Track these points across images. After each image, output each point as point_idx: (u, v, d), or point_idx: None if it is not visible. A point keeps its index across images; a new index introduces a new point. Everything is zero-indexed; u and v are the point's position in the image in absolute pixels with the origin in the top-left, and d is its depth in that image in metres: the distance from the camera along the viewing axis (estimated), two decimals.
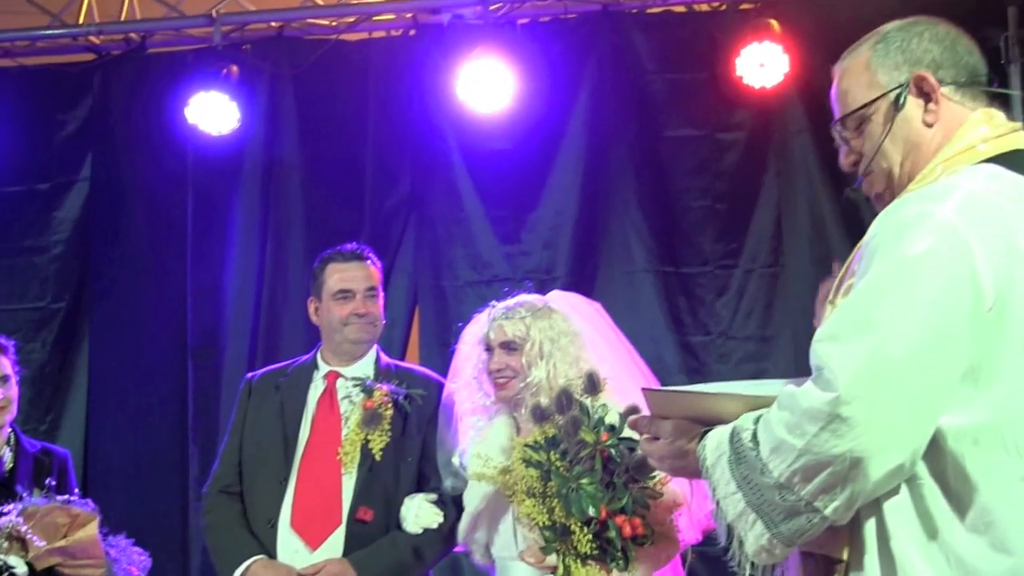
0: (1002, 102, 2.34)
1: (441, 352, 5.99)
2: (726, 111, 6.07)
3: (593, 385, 3.47)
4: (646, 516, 3.40)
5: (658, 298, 6.06)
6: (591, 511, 3.32)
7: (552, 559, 3.47)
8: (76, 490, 4.19)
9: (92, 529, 3.88)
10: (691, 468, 2.21)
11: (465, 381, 4.08)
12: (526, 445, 3.46)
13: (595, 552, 3.38)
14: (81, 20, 6.34)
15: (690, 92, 6.11)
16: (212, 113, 6.05)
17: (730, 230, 6.08)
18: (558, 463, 3.33)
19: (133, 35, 6.42)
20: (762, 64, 5.79)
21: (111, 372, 6.33)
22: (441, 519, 4.08)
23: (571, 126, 6.18)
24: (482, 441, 3.93)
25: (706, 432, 2.17)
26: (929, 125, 2.24)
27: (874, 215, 2.19)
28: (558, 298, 4.13)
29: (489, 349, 3.96)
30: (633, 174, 6.15)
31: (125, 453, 6.25)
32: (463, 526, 3.93)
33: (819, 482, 1.98)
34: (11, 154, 6.41)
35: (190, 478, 6.16)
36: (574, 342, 3.91)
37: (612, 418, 3.39)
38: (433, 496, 4.12)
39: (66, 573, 3.81)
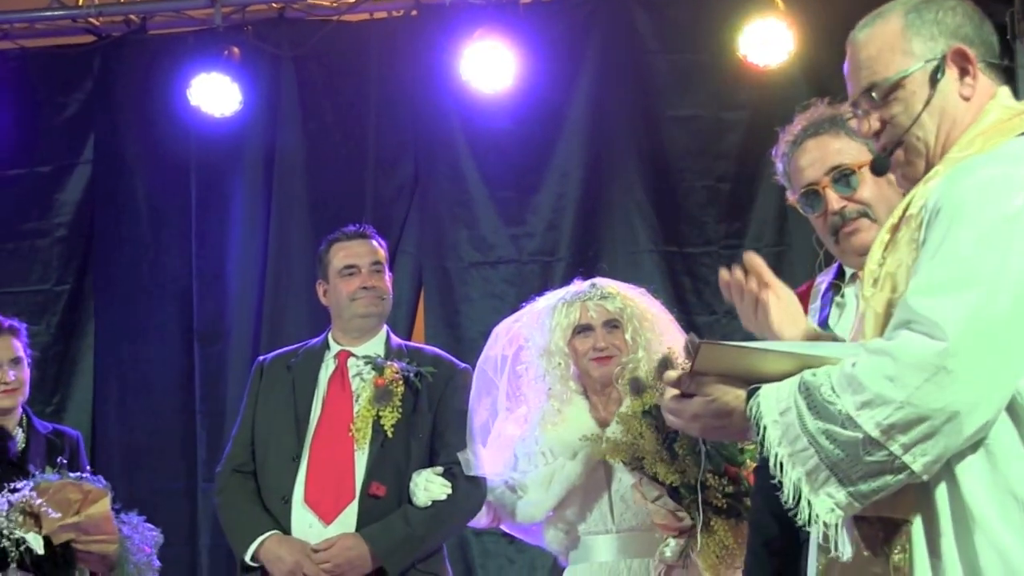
0: (1009, 79, 2.35)
1: (447, 333, 6.01)
2: (729, 90, 6.06)
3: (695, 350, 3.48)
4: None
5: (662, 278, 6.04)
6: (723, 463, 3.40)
7: (686, 519, 3.50)
8: (88, 468, 4.18)
9: (104, 505, 3.89)
10: (733, 428, 2.18)
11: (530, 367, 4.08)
12: (644, 412, 3.49)
13: (725, 507, 3.41)
14: (81, 2, 6.29)
15: (693, 71, 6.10)
16: (214, 95, 6.03)
17: (734, 210, 6.07)
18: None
19: (133, 17, 6.38)
20: (765, 42, 5.77)
21: (116, 354, 6.33)
22: (449, 491, 4.09)
23: (574, 107, 6.17)
24: (560, 423, 3.97)
25: (755, 391, 2.13)
26: (966, 99, 2.25)
27: None
28: (615, 283, 4.20)
29: (586, 329, 3.99)
30: (636, 154, 6.14)
31: (132, 435, 6.24)
32: (545, 505, 3.95)
33: (913, 435, 1.97)
34: (12, 137, 6.38)
35: (198, 460, 6.16)
36: (655, 320, 4.04)
37: None
38: (440, 469, 4.13)
39: (80, 548, 3.82)
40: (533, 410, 4.06)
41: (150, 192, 6.40)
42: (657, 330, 4.03)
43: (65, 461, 4.05)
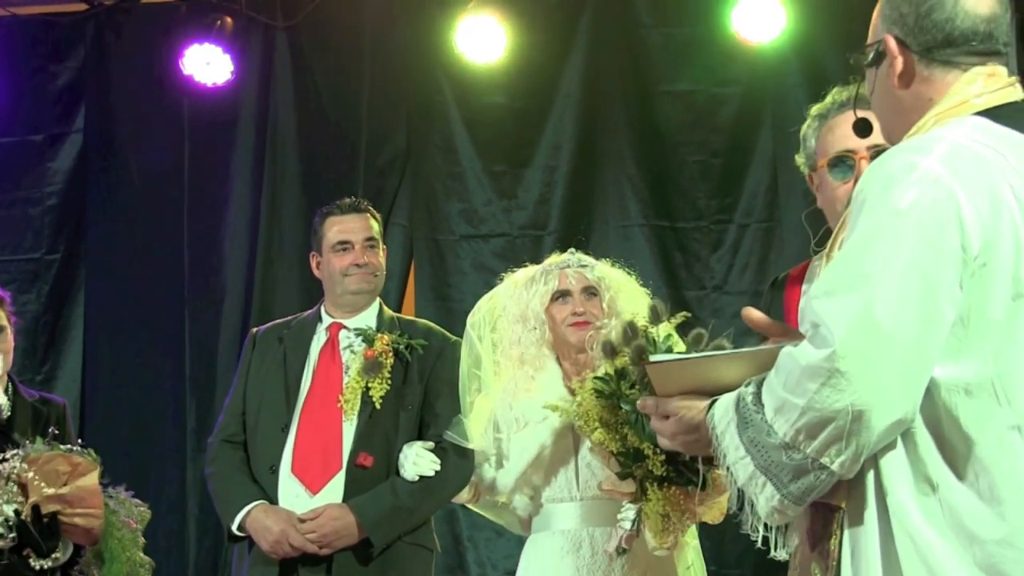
0: None
1: (437, 305, 6.03)
2: (722, 65, 6.07)
3: (657, 316, 3.49)
4: None
5: (652, 252, 6.08)
6: None
7: (629, 485, 3.52)
8: (79, 440, 4.18)
9: (92, 479, 3.86)
10: (703, 441, 2.21)
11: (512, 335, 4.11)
12: (595, 377, 3.50)
13: (671, 475, 3.42)
14: None
15: (686, 46, 6.11)
16: (207, 65, 6.02)
17: (725, 185, 6.10)
18: (628, 391, 3.36)
19: None
20: (758, 18, 5.78)
21: (107, 323, 6.33)
22: (438, 467, 4.10)
23: (566, 80, 6.18)
24: (533, 391, 4.01)
25: (714, 402, 2.18)
26: (902, 87, 2.23)
27: None
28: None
29: (564, 295, 4.05)
30: (628, 129, 6.15)
31: (121, 404, 6.24)
32: (515, 470, 3.97)
33: (824, 438, 1.99)
34: (4, 105, 6.36)
35: (187, 430, 6.17)
36: (630, 291, 4.10)
37: (680, 347, 3.41)
38: (431, 444, 4.14)
39: (64, 521, 3.81)
40: (506, 378, 4.09)
41: (142, 161, 6.39)
42: (632, 300, 4.07)
43: (57, 431, 4.03)
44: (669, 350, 3.26)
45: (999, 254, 1.99)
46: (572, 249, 4.23)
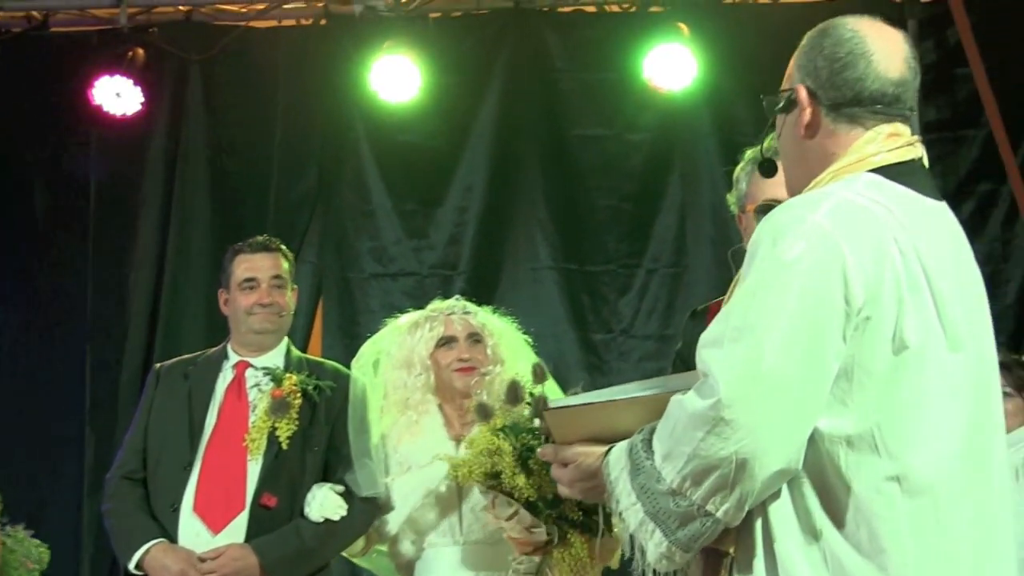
0: None
1: (344, 344, 5.99)
2: (634, 112, 6.15)
3: (541, 375, 3.54)
4: None
5: (561, 295, 6.13)
6: None
7: (541, 534, 3.52)
8: None
9: None
10: (600, 488, 2.21)
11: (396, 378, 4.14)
12: (497, 430, 3.52)
13: (580, 520, 3.43)
14: None
15: (600, 91, 6.17)
16: (117, 96, 5.95)
17: (635, 230, 6.17)
18: (534, 441, 3.38)
19: (35, 13, 6.27)
20: (670, 67, 5.85)
21: (5, 355, 6.19)
22: (344, 512, 4.08)
23: (480, 122, 6.22)
24: (417, 435, 4.04)
25: (611, 449, 2.19)
26: (808, 138, 2.25)
27: None
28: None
29: (450, 341, 4.11)
30: (540, 171, 6.21)
31: (18, 438, 6.11)
32: (399, 516, 4.00)
33: (708, 485, 2.01)
34: None
35: (85, 467, 6.05)
36: (512, 338, 4.19)
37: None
38: (340, 488, 4.11)
39: None
40: (388, 423, 4.11)
41: (47, 190, 6.30)
42: (513, 347, 4.17)
43: None
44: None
45: (882, 308, 2.02)
46: (457, 296, 4.32)
